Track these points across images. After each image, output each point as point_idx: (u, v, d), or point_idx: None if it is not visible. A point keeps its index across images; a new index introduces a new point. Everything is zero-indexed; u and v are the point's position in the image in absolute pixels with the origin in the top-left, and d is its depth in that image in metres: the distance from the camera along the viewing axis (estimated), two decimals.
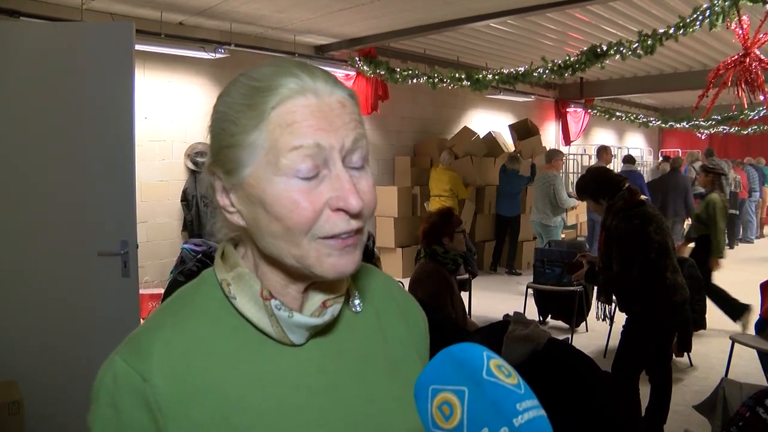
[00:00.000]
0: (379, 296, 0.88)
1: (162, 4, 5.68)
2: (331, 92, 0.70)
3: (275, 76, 0.70)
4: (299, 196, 0.67)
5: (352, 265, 0.71)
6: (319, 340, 0.77)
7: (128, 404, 0.69)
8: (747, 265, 9.52)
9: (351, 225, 0.69)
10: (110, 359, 0.72)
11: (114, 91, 3.09)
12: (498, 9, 6.00)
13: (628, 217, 3.24)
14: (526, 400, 0.54)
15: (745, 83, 5.20)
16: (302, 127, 0.67)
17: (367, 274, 0.89)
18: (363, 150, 0.71)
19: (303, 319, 0.73)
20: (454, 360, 0.57)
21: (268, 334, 0.73)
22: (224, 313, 0.74)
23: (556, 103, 12.27)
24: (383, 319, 0.85)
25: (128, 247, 3.11)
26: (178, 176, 6.55)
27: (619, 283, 3.35)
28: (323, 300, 0.75)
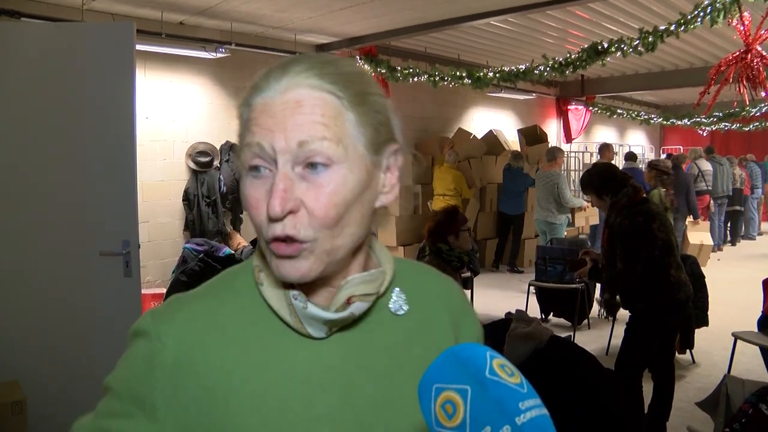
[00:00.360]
0: (431, 302, 0.85)
1: (163, 4, 5.68)
2: (292, 89, 0.68)
3: (261, 75, 0.72)
4: (250, 192, 0.69)
5: (294, 273, 0.69)
6: (343, 336, 0.76)
7: (141, 355, 0.73)
8: (749, 262, 9.52)
9: (281, 230, 0.67)
10: (147, 311, 0.77)
11: (115, 91, 3.09)
12: (498, 7, 5.99)
13: (632, 214, 3.23)
14: (529, 399, 0.55)
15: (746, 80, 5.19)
16: (253, 125, 0.69)
17: (426, 277, 0.88)
18: (317, 150, 0.67)
19: (316, 311, 0.72)
20: (458, 359, 0.58)
21: (289, 324, 0.74)
22: (253, 299, 0.76)
23: (557, 101, 12.26)
24: (429, 326, 0.82)
25: (130, 246, 3.11)
26: (180, 176, 6.56)
27: (622, 281, 3.34)
28: (349, 296, 0.74)
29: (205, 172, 6.57)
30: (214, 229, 6.55)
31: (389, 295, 0.80)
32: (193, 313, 0.75)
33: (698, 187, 9.80)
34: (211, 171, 6.61)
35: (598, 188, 3.42)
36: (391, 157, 0.76)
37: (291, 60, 0.72)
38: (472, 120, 10.46)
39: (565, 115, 12.28)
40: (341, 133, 0.69)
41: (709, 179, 9.84)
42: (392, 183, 0.77)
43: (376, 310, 0.78)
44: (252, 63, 7.15)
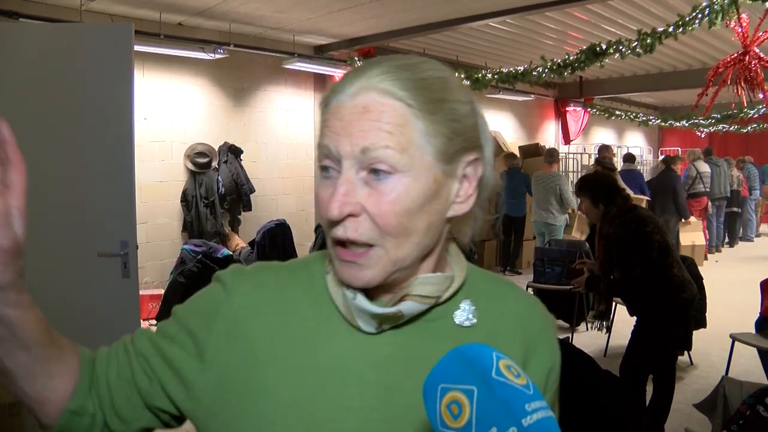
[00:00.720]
0: (505, 320, 0.81)
1: (161, 5, 5.68)
2: (357, 94, 0.69)
3: (340, 80, 0.73)
4: (322, 192, 0.71)
5: (357, 280, 0.70)
6: (397, 336, 0.75)
7: (211, 296, 0.79)
8: (747, 264, 9.53)
9: (336, 232, 0.69)
10: (234, 266, 0.82)
11: (113, 92, 3.09)
12: (497, 8, 5.99)
13: (624, 222, 3.27)
14: (535, 401, 0.54)
15: (744, 81, 5.20)
16: (325, 127, 0.70)
17: (506, 294, 0.84)
18: (381, 157, 0.66)
19: (362, 303, 0.72)
20: (464, 359, 0.57)
21: (343, 315, 0.75)
22: (320, 284, 0.78)
23: (556, 102, 12.26)
24: (496, 344, 0.78)
25: (128, 247, 3.10)
26: (178, 177, 6.55)
27: (621, 289, 3.37)
28: (405, 294, 0.73)
29: (203, 173, 6.57)
30: (213, 230, 6.54)
31: (456, 305, 0.78)
32: (264, 282, 0.78)
33: (696, 188, 9.81)
34: (209, 172, 6.61)
35: (596, 194, 3.44)
36: (469, 167, 0.74)
37: (370, 62, 0.72)
38: None
39: (563, 116, 12.29)
40: (406, 142, 0.67)
41: (707, 181, 9.86)
42: (468, 194, 0.75)
43: (440, 318, 0.77)
44: (250, 64, 7.15)
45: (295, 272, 0.80)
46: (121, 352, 0.81)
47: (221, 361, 0.75)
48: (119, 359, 0.80)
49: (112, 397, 0.77)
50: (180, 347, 0.77)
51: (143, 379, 0.78)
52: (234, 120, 7.09)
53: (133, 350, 0.79)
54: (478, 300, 0.79)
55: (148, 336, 0.81)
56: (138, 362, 0.78)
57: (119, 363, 0.79)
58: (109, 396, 0.77)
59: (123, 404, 0.78)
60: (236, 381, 0.74)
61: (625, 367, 3.35)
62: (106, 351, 0.82)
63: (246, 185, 6.85)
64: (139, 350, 0.79)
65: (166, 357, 0.77)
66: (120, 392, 0.77)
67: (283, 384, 0.73)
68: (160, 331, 0.80)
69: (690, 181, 9.83)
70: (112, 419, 0.77)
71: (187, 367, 0.76)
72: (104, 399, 0.77)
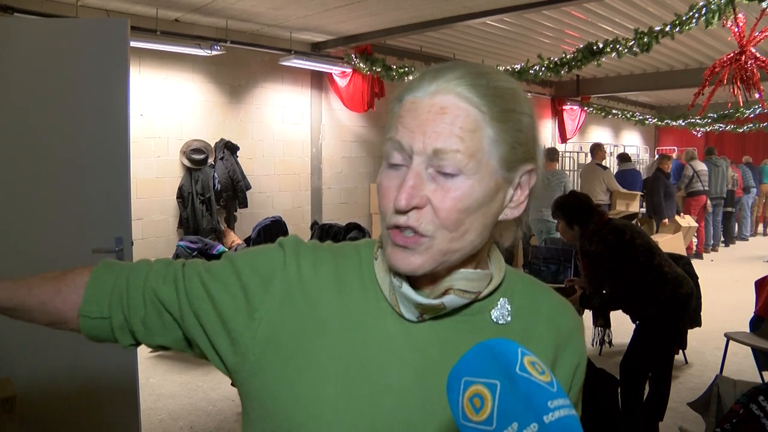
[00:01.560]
0: (538, 318, 0.85)
1: (158, 1, 5.66)
2: (436, 94, 0.72)
3: (416, 75, 0.77)
4: (386, 182, 0.74)
5: (406, 266, 0.73)
6: (436, 327, 0.79)
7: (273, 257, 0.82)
8: (742, 263, 9.56)
9: (398, 220, 0.72)
10: (295, 235, 0.89)
11: (109, 88, 3.08)
12: (494, 6, 5.99)
13: (601, 237, 3.29)
14: (558, 399, 0.54)
15: (740, 81, 5.21)
16: (399, 123, 0.74)
17: (538, 292, 0.88)
18: (452, 161, 0.70)
19: (407, 292, 0.76)
20: (489, 353, 0.57)
21: (388, 301, 0.79)
22: (369, 269, 0.82)
23: (553, 101, 12.27)
24: (529, 341, 0.82)
25: (123, 243, 3.10)
26: (174, 173, 6.54)
27: (617, 301, 3.37)
28: (448, 287, 0.77)
29: (199, 169, 6.56)
30: (208, 226, 6.53)
31: (494, 303, 0.82)
32: (321, 259, 0.83)
33: (694, 187, 9.83)
34: (205, 168, 6.60)
35: (570, 216, 3.45)
36: (525, 176, 0.78)
37: (448, 65, 0.76)
38: None
39: (560, 115, 12.30)
40: (475, 147, 0.71)
41: (705, 179, 9.86)
42: (520, 200, 0.79)
43: (476, 313, 0.81)
44: (247, 61, 7.13)
45: (348, 255, 0.84)
46: (169, 277, 0.85)
47: (272, 323, 0.78)
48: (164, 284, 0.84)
49: (146, 310, 0.85)
50: (231, 297, 0.80)
51: (189, 317, 0.83)
52: (230, 117, 7.08)
53: (184, 287, 0.83)
54: (514, 299, 0.84)
55: (200, 276, 0.83)
56: (186, 300, 0.83)
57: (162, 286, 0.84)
58: (142, 306, 0.85)
59: (153, 319, 0.85)
60: (284, 346, 0.77)
61: (626, 367, 3.36)
62: (146, 266, 0.88)
63: (242, 182, 6.84)
64: (189, 291, 0.83)
65: (216, 305, 0.81)
66: (153, 309, 0.84)
67: (328, 356, 0.76)
68: (212, 271, 0.83)
69: (687, 180, 9.84)
70: (138, 327, 0.85)
71: (235, 320, 0.79)
72: (135, 309, 0.85)
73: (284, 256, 0.82)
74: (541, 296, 0.88)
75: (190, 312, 0.82)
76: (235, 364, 0.80)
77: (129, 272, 0.87)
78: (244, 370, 0.79)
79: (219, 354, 0.81)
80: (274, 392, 0.77)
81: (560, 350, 0.85)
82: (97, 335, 0.88)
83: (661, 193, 8.84)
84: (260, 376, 0.78)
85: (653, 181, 9.02)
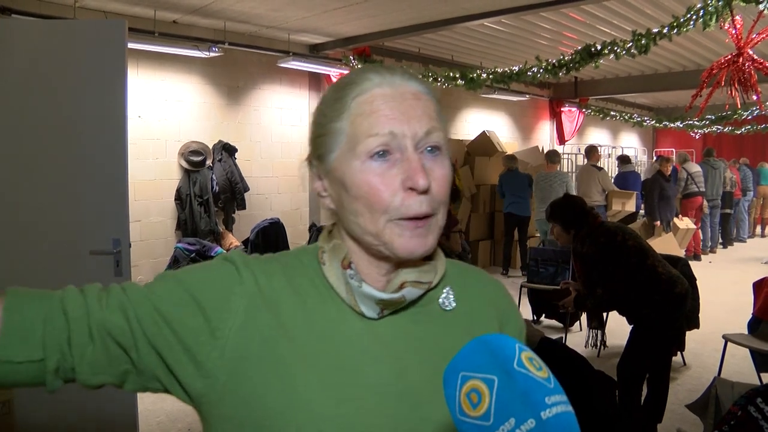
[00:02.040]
0: (478, 299, 0.90)
1: (156, 3, 5.66)
2: (406, 84, 0.78)
3: (359, 72, 0.79)
4: (374, 179, 0.74)
5: (421, 247, 0.76)
6: (395, 321, 0.81)
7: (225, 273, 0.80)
8: (739, 264, 9.56)
9: (422, 207, 0.75)
10: (237, 250, 0.83)
11: (107, 90, 3.07)
12: (492, 8, 6.00)
13: (593, 238, 3.31)
14: (556, 395, 0.54)
15: (738, 83, 5.22)
16: (379, 116, 0.75)
17: (471, 275, 0.93)
18: (436, 140, 0.77)
19: (369, 290, 0.78)
20: (487, 348, 0.57)
21: (345, 302, 0.80)
22: (315, 278, 0.82)
23: (551, 103, 12.29)
24: (475, 322, 0.87)
25: (121, 245, 3.09)
26: (172, 175, 6.53)
27: (610, 302, 3.39)
28: (403, 281, 0.80)
29: (197, 171, 6.55)
30: (206, 228, 6.53)
31: (440, 291, 0.86)
32: (273, 270, 0.82)
33: (689, 189, 9.84)
34: (203, 170, 6.59)
35: (567, 220, 3.46)
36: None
37: (386, 65, 0.81)
38: (465, 121, 10.47)
39: (558, 116, 12.32)
40: (441, 126, 0.79)
41: (699, 181, 9.86)
42: None
43: (427, 303, 0.84)
44: (245, 62, 7.13)
45: (294, 264, 0.84)
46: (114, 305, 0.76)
47: (239, 338, 0.76)
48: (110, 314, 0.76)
49: (94, 346, 0.75)
50: (191, 319, 0.76)
51: (144, 346, 0.75)
52: (228, 118, 7.07)
53: (135, 315, 0.76)
54: (455, 285, 0.88)
55: (150, 300, 0.77)
56: (139, 328, 0.75)
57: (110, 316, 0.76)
58: (89, 342, 0.74)
59: (100, 355, 0.75)
60: (257, 359, 0.76)
61: (623, 369, 3.36)
62: (78, 294, 0.78)
63: (240, 184, 6.83)
64: (141, 318, 0.76)
65: (175, 329, 0.75)
66: (101, 344, 0.75)
67: (304, 363, 0.76)
68: (155, 294, 0.77)
69: (683, 182, 9.85)
70: (82, 367, 0.75)
71: (198, 342, 0.75)
72: (80, 346, 0.74)
73: (237, 270, 0.80)
74: (475, 279, 0.93)
75: (145, 340, 0.75)
76: (204, 387, 0.76)
77: (61, 303, 0.76)
78: (215, 391, 0.76)
79: (180, 381, 0.76)
80: (259, 405, 0.74)
81: (503, 324, 0.90)
82: (14, 382, 0.73)
83: (655, 196, 8.84)
84: (237, 393, 0.75)
85: (651, 183, 9.03)
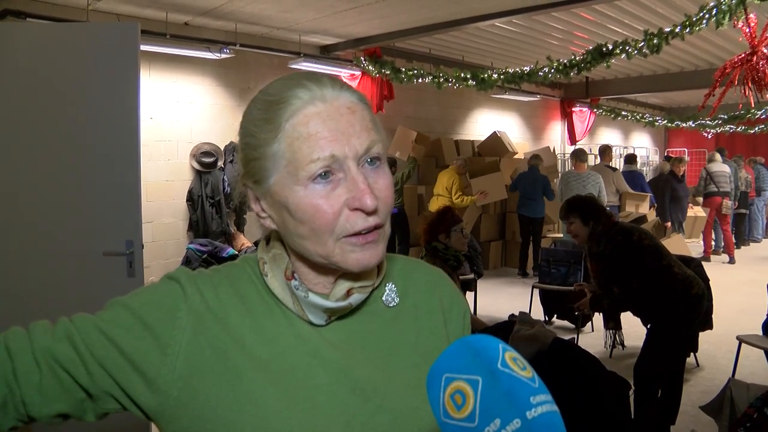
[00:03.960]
0: (421, 291, 0.91)
1: (167, 5, 5.69)
2: (338, 97, 0.75)
3: (285, 89, 0.76)
4: (319, 201, 0.73)
5: (374, 258, 0.77)
6: (342, 325, 0.82)
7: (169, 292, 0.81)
8: (754, 264, 9.48)
9: (368, 222, 0.74)
10: (182, 267, 0.86)
11: (119, 92, 3.09)
12: (503, 8, 5.98)
13: (609, 237, 3.31)
14: (540, 394, 0.54)
15: (752, 82, 5.16)
16: (318, 140, 0.73)
17: (413, 267, 0.94)
18: (377, 152, 0.76)
19: (317, 300, 0.79)
20: (470, 349, 0.57)
21: (292, 311, 0.80)
22: (260, 287, 0.82)
23: (562, 103, 12.24)
24: (421, 313, 0.88)
25: (133, 246, 3.11)
26: (184, 176, 6.56)
27: (626, 302, 3.37)
28: (348, 288, 0.80)
29: (209, 172, 6.58)
30: (218, 229, 6.55)
31: (382, 290, 0.87)
32: (219, 282, 0.82)
33: (708, 189, 9.76)
34: (215, 172, 6.62)
35: (585, 213, 3.46)
36: None
37: (317, 74, 0.78)
38: (476, 122, 10.45)
39: (569, 117, 12.27)
40: (378, 135, 0.78)
41: (719, 181, 9.75)
42: None
43: (371, 303, 0.85)
44: (256, 64, 7.16)
45: (238, 276, 0.84)
46: (61, 334, 0.77)
47: (189, 353, 0.77)
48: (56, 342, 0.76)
49: (41, 375, 0.75)
50: (138, 339, 0.77)
51: (96, 370, 0.76)
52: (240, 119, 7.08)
53: (82, 341, 0.76)
54: (396, 280, 0.89)
55: (96, 325, 0.78)
56: (88, 354, 0.76)
57: (57, 344, 0.76)
58: (36, 372, 0.75)
59: (51, 384, 0.75)
60: (209, 371, 0.76)
61: (640, 371, 3.34)
62: (20, 331, 0.79)
63: None
64: (90, 343, 0.76)
65: (123, 350, 0.76)
66: (49, 372, 0.75)
67: (256, 370, 0.77)
68: (104, 320, 0.79)
69: (702, 182, 9.77)
70: (32, 397, 0.75)
71: (147, 360, 0.76)
72: (27, 377, 0.75)
73: (181, 287, 0.80)
74: (416, 272, 0.93)
75: (95, 364, 0.76)
76: (158, 405, 0.77)
77: (4, 340, 0.77)
78: (169, 407, 0.77)
79: (135, 401, 0.77)
80: (212, 416, 0.75)
81: (447, 315, 0.91)
82: None
83: (666, 197, 8.77)
84: (190, 407, 0.76)
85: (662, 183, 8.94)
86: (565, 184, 7.32)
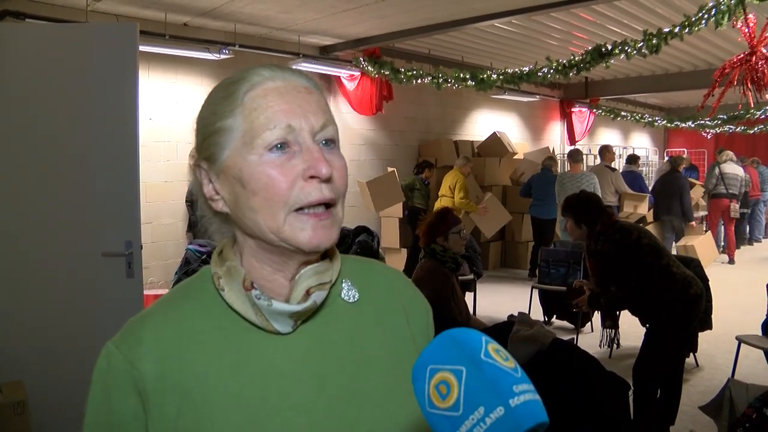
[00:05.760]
0: (380, 289, 0.89)
1: (166, 6, 5.69)
2: (296, 79, 0.78)
3: (248, 70, 0.78)
4: (273, 170, 0.73)
5: (325, 239, 0.76)
6: (308, 329, 0.79)
7: (118, 388, 0.75)
8: (754, 265, 9.49)
9: (323, 193, 0.74)
10: (106, 345, 0.78)
11: (118, 92, 3.10)
12: (502, 9, 5.99)
13: (608, 236, 3.31)
14: (523, 384, 0.55)
15: (751, 82, 5.17)
16: (276, 110, 0.74)
17: (369, 267, 0.92)
18: (332, 133, 0.77)
19: (281, 306, 0.76)
20: (454, 341, 0.58)
21: (255, 324, 0.77)
22: (215, 305, 0.79)
23: (561, 103, 12.24)
24: (383, 312, 0.87)
25: (132, 247, 3.11)
26: (183, 177, 6.55)
27: (624, 300, 3.37)
28: (307, 288, 0.78)
29: None
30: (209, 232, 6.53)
31: (339, 286, 0.85)
32: (159, 326, 0.77)
33: (716, 190, 9.74)
34: None
35: (579, 215, 3.46)
36: None
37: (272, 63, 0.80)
38: (475, 122, 10.45)
39: (568, 117, 12.27)
40: (334, 121, 0.79)
41: (729, 182, 9.71)
42: None
43: (331, 302, 0.83)
44: (255, 64, 7.12)
45: (180, 306, 0.80)
46: None
47: (159, 411, 0.74)
48: None
49: None
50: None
51: None
52: None
53: None
54: (354, 279, 0.87)
55: None
56: None
57: None
58: None
59: None
60: (181, 418, 0.73)
61: (639, 372, 3.34)
62: None
63: None
64: None
65: None
66: None
67: (228, 408, 0.74)
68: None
69: (713, 181, 9.75)
70: None
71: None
72: None
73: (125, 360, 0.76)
74: (373, 270, 0.92)
75: None
76: None
77: None
78: None
79: None
80: None
81: (409, 309, 0.89)
82: None
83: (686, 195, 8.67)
84: None
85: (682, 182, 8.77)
86: (561, 185, 7.35)
